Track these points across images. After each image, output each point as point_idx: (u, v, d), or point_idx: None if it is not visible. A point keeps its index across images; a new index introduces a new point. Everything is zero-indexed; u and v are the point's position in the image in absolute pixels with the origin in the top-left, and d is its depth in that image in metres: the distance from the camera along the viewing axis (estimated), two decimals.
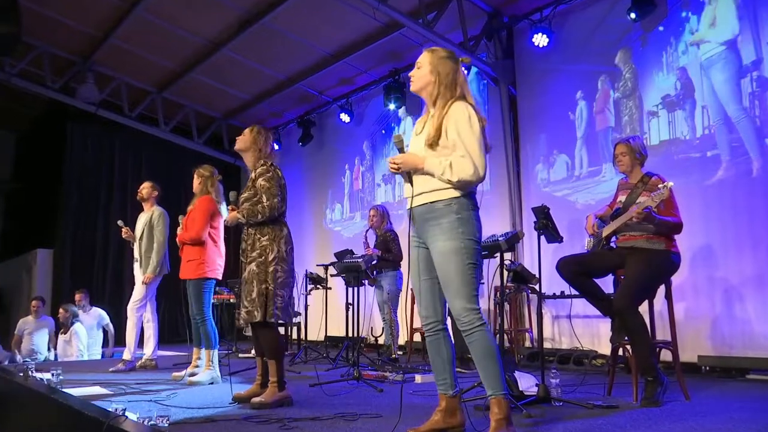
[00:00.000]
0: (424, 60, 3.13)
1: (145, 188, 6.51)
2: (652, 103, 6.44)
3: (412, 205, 3.08)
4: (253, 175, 4.24)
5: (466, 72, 3.19)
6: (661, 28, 6.44)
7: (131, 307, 6.24)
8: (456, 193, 2.95)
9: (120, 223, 6.56)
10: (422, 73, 3.12)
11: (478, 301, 2.94)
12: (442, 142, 2.96)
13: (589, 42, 7.05)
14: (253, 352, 5.45)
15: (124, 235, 6.51)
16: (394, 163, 3.02)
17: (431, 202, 2.99)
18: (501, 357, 2.96)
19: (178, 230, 5.53)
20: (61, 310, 8.44)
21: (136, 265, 6.38)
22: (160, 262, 6.25)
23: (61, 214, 11.39)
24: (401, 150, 3.08)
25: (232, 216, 4.23)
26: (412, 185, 3.04)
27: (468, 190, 2.98)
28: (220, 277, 5.53)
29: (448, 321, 3.17)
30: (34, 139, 13.47)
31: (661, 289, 4.25)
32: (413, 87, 3.18)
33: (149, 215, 6.37)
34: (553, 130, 7.37)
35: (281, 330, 4.67)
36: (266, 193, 4.09)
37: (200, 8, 8.36)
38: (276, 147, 4.51)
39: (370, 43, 8.65)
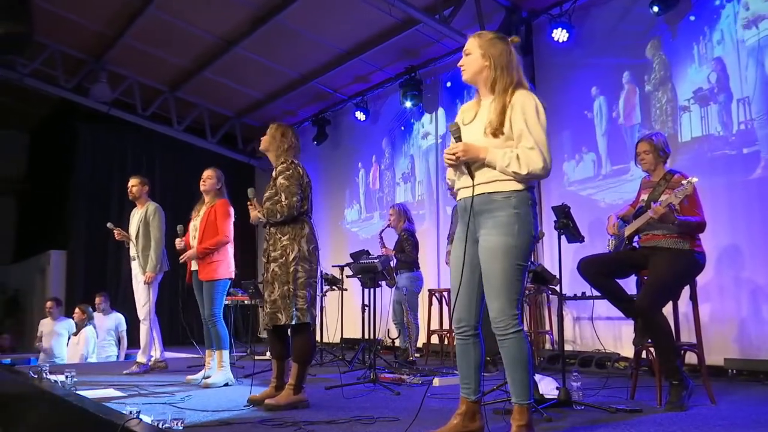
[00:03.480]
0: (472, 45, 2.98)
1: (135, 185, 6.42)
2: (684, 98, 6.20)
3: (464, 197, 2.94)
4: (274, 173, 4.22)
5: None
6: (692, 18, 6.20)
7: (140, 311, 6.19)
8: (517, 186, 2.82)
9: (110, 225, 6.44)
10: (473, 59, 2.97)
11: (519, 306, 2.84)
12: (506, 132, 2.83)
13: (614, 35, 6.87)
14: (268, 354, 5.41)
15: (117, 237, 6.42)
16: (453, 154, 2.85)
17: (488, 193, 2.85)
18: (532, 366, 2.88)
19: (177, 245, 5.47)
20: (77, 311, 8.41)
21: (134, 264, 6.31)
22: (159, 258, 6.19)
23: (74, 215, 11.45)
24: (458, 139, 2.91)
25: (254, 215, 4.22)
26: (473, 177, 2.87)
27: (529, 183, 2.85)
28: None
29: None
30: (46, 140, 13.58)
31: (686, 290, 4.16)
32: (465, 76, 3.02)
33: (143, 211, 6.30)
34: (576, 127, 7.22)
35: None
36: (285, 191, 4.07)
37: (213, 6, 8.33)
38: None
39: (385, 39, 8.56)
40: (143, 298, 6.20)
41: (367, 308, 5.92)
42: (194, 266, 5.46)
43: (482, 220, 2.88)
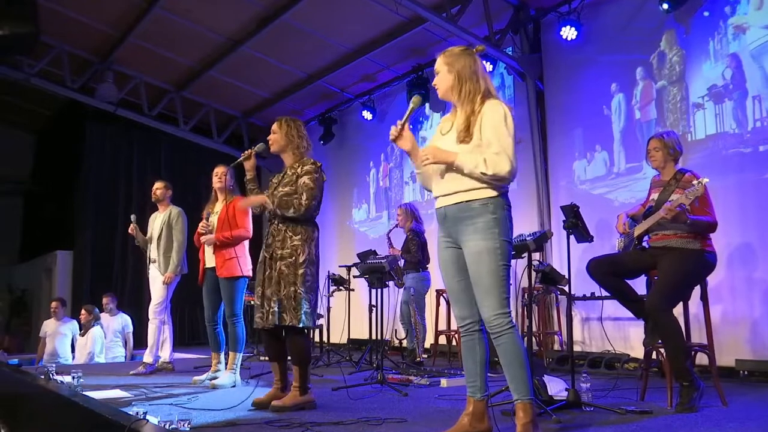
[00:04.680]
0: (440, 64, 3.15)
1: (159, 189, 6.45)
2: (698, 95, 6.11)
3: (444, 204, 3.06)
4: (298, 170, 4.10)
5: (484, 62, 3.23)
6: (706, 13, 6.11)
7: (153, 310, 6.22)
8: (493, 193, 2.93)
9: (133, 218, 6.47)
10: (442, 77, 3.14)
11: (508, 304, 2.93)
12: (475, 141, 2.94)
13: (624, 32, 6.79)
14: None
15: (130, 230, 6.41)
16: (424, 155, 2.99)
17: (466, 201, 2.96)
18: (529, 361, 2.94)
19: (201, 227, 5.43)
20: (83, 312, 8.42)
21: (153, 266, 6.33)
22: (181, 261, 6.22)
23: (80, 215, 11.46)
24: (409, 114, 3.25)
25: (260, 199, 4.10)
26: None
27: (503, 189, 2.97)
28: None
29: None
30: (52, 140, 13.58)
31: (697, 291, 4.12)
32: (440, 95, 3.19)
33: (166, 215, 6.32)
34: (587, 125, 7.15)
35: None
36: (308, 192, 3.99)
37: (219, 5, 8.33)
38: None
39: (392, 38, 8.54)
40: (156, 297, 6.22)
41: (374, 309, 5.89)
42: (209, 263, 5.43)
43: (462, 227, 2.98)
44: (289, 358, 4.16)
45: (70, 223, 11.78)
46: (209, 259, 5.42)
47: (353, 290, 7.78)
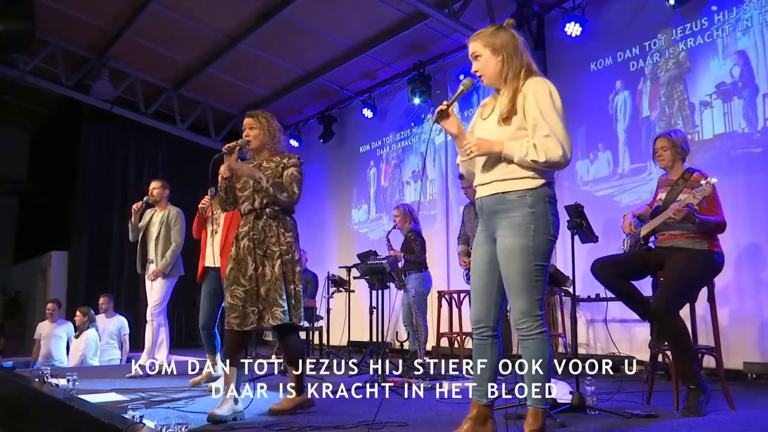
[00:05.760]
0: (477, 47, 2.89)
1: (156, 188, 6.34)
2: (705, 93, 6.03)
3: (480, 196, 2.88)
4: (285, 162, 3.98)
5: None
6: (714, 8, 6.03)
7: (151, 312, 6.13)
8: (532, 184, 2.74)
9: (146, 198, 6.29)
10: (486, 61, 2.88)
11: (541, 306, 2.78)
12: (518, 121, 2.75)
13: (630, 28, 6.72)
14: (274, 356, 5.31)
15: (135, 206, 6.20)
16: (468, 146, 2.75)
17: (502, 193, 2.78)
18: (552, 370, 2.80)
19: (202, 203, 5.34)
20: (78, 314, 8.33)
21: (152, 267, 6.24)
22: (174, 261, 6.13)
23: (76, 215, 11.37)
24: (459, 95, 2.92)
25: (255, 172, 3.89)
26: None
27: (546, 178, 2.77)
28: None
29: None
30: (48, 139, 13.53)
31: (703, 292, 4.05)
32: (485, 82, 2.93)
33: (164, 215, 6.22)
34: (591, 124, 7.08)
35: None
36: (297, 183, 3.90)
37: (218, 1, 8.25)
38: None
39: (393, 35, 8.47)
40: (155, 299, 6.15)
41: (374, 310, 5.83)
42: (209, 262, 5.34)
43: (497, 221, 2.82)
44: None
45: (66, 223, 11.70)
46: (211, 257, 5.33)
47: (353, 291, 7.72)
